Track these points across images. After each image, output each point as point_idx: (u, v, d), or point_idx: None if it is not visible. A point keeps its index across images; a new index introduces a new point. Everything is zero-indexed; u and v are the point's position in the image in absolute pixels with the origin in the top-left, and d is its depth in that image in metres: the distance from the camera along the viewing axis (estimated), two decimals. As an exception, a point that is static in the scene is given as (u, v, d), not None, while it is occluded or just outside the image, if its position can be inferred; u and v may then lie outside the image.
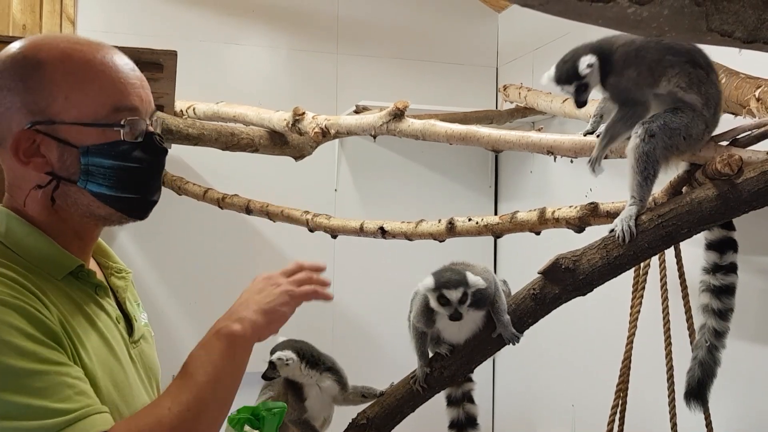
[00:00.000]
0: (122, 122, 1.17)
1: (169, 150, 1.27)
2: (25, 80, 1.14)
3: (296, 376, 2.22)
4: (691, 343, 2.49)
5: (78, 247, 1.23)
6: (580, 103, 1.90)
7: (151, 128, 1.22)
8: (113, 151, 1.17)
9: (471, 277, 1.84)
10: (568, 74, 1.84)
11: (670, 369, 2.52)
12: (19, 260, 1.14)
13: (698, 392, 1.94)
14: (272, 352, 2.22)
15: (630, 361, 2.57)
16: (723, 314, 1.91)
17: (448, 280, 1.84)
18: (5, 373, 1.02)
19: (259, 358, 3.34)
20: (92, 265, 1.31)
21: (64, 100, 1.14)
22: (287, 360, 2.16)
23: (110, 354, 1.19)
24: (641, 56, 1.83)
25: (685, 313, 2.50)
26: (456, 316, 1.84)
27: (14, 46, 1.19)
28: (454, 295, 1.82)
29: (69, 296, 1.16)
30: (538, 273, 1.86)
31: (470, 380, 2.11)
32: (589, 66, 1.82)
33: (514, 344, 1.89)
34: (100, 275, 1.30)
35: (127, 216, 1.24)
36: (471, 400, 2.12)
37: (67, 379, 1.06)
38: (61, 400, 1.03)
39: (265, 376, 2.22)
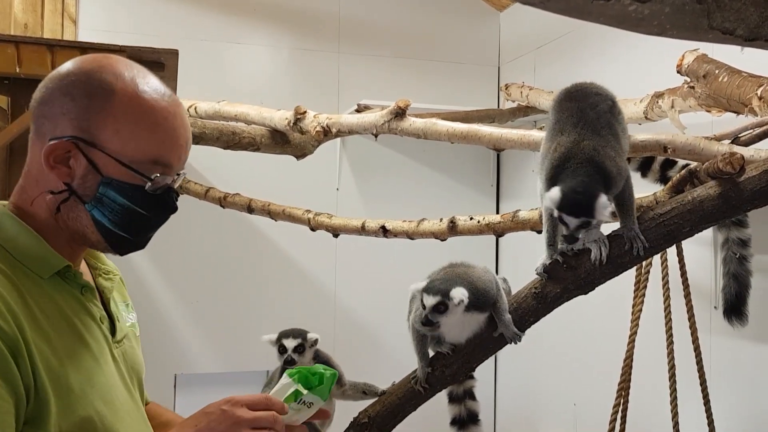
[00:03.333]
0: (153, 177, 1.22)
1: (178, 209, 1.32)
2: (91, 98, 1.18)
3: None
4: (693, 342, 2.49)
5: (70, 250, 1.26)
6: (573, 239, 1.67)
7: (173, 185, 1.27)
8: (131, 193, 1.22)
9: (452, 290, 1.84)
10: (579, 207, 1.61)
11: (672, 368, 2.52)
12: (6, 256, 1.17)
13: (738, 306, 1.95)
14: (278, 339, 2.23)
15: (632, 360, 2.57)
16: (742, 222, 1.93)
17: (431, 285, 1.87)
18: None
19: (256, 358, 3.37)
20: (82, 266, 1.34)
21: (113, 132, 1.19)
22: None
23: (88, 354, 1.21)
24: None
25: (687, 312, 2.49)
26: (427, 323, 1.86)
27: (95, 62, 1.22)
28: (429, 301, 1.85)
29: (51, 296, 1.19)
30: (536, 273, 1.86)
31: (472, 377, 2.11)
32: (610, 214, 1.62)
33: (515, 343, 1.89)
34: (88, 276, 1.33)
35: (111, 249, 1.29)
36: (473, 397, 2.12)
37: None
38: None
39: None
